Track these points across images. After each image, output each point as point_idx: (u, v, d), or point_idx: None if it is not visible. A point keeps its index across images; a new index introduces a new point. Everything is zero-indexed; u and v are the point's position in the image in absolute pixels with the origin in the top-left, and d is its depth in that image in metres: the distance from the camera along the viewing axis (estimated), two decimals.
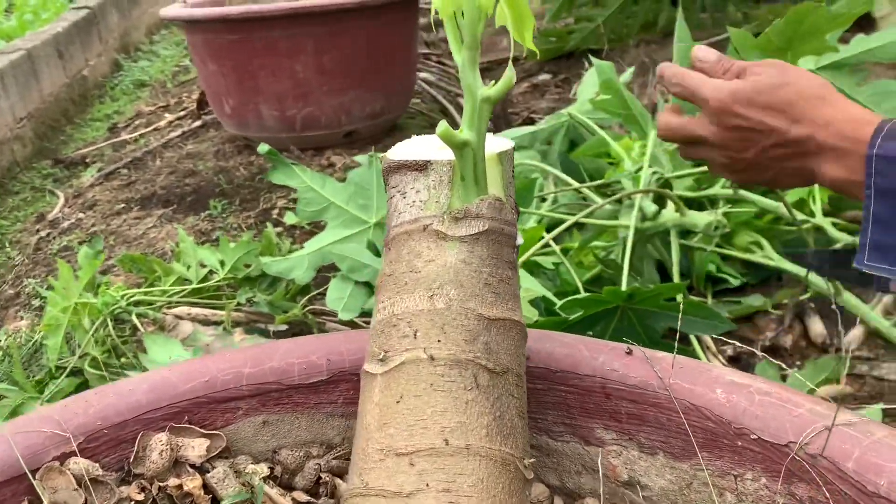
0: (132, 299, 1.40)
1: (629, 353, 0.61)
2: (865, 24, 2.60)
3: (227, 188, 2.23)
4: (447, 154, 0.57)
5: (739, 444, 0.54)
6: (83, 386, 1.33)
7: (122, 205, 2.24)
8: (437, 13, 0.54)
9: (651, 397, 0.57)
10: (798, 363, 1.37)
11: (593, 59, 1.76)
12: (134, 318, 1.35)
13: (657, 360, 0.59)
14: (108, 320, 1.33)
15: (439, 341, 0.51)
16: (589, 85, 1.90)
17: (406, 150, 0.60)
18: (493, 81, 0.55)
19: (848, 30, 2.35)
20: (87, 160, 2.70)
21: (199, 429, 0.59)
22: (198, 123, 2.76)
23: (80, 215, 2.23)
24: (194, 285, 1.45)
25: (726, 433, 0.55)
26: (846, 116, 0.70)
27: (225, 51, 2.21)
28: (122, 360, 1.31)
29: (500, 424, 0.51)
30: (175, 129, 2.80)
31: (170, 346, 1.23)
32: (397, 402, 0.51)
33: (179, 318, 1.39)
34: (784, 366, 1.26)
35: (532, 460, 0.52)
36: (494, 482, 0.49)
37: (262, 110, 2.28)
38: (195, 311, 1.43)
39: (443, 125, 0.53)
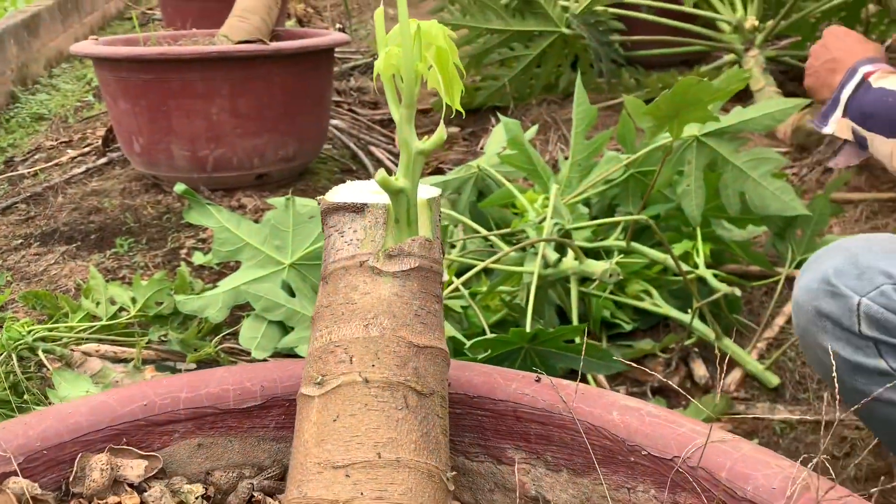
0: (38, 335, 1.37)
1: (538, 380, 0.68)
2: (744, 95, 2.86)
3: (133, 227, 2.21)
4: (381, 198, 0.63)
5: (632, 459, 0.62)
6: None
7: (21, 240, 2.18)
8: (378, 76, 0.61)
9: (557, 419, 0.65)
10: (683, 403, 1.48)
11: (501, 117, 1.88)
12: (41, 354, 1.33)
13: (563, 387, 0.67)
14: (13, 356, 1.30)
15: (373, 366, 0.57)
16: (497, 140, 2.01)
17: (343, 193, 0.66)
18: (427, 136, 0.62)
19: (729, 100, 2.57)
20: None
21: (136, 450, 0.62)
22: (103, 160, 2.72)
23: None
24: (104, 322, 1.44)
25: (621, 450, 0.62)
26: (866, 57, 1.22)
27: (139, 90, 2.21)
28: (27, 396, 1.28)
29: (426, 441, 0.57)
30: (78, 165, 2.75)
31: (80, 382, 1.22)
32: (334, 420, 0.56)
33: (88, 354, 1.38)
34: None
35: (454, 473, 0.58)
36: (422, 491, 0.54)
37: (173, 150, 2.28)
38: (104, 348, 1.42)
39: (381, 173, 0.60)
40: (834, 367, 0.73)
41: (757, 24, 2.77)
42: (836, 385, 0.63)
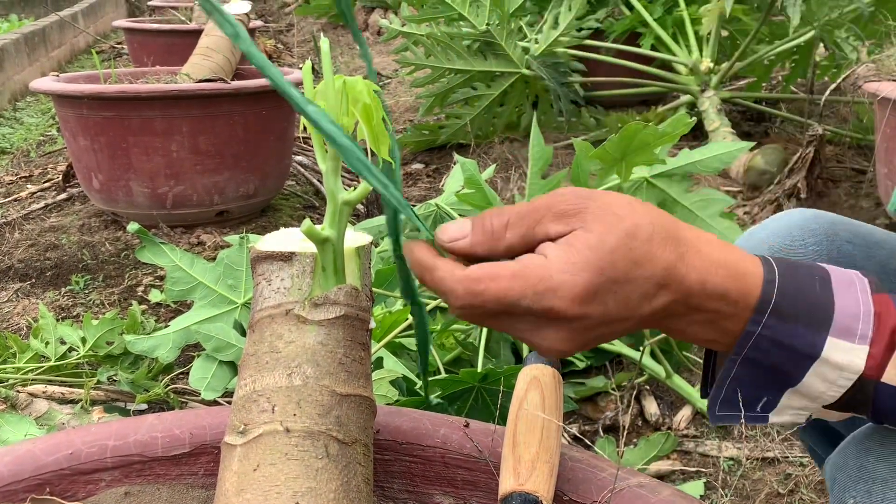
0: None
1: (467, 426, 0.69)
2: (699, 135, 2.93)
3: (91, 263, 2.19)
4: (311, 246, 0.64)
5: None
6: None
7: None
8: (304, 129, 0.62)
9: (483, 465, 0.66)
10: (635, 440, 1.50)
11: (458, 157, 1.90)
12: None
13: (489, 433, 0.68)
14: None
15: (295, 415, 0.58)
16: (455, 178, 2.03)
17: (274, 241, 0.67)
18: (353, 187, 0.64)
19: (685, 138, 2.62)
20: None
21: (60, 500, 0.62)
22: (63, 196, 2.71)
23: None
24: (52, 363, 1.43)
25: None
26: (721, 272, 0.53)
27: (98, 127, 2.21)
28: None
29: (346, 490, 0.57)
30: (37, 200, 2.73)
31: (23, 424, 1.20)
32: (254, 469, 0.56)
33: (34, 396, 1.36)
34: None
35: None
36: None
37: (132, 187, 2.28)
38: (51, 388, 1.40)
39: (307, 223, 0.61)
40: None
41: (712, 66, 2.85)
42: None
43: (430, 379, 1.31)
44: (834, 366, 0.53)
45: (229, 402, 1.45)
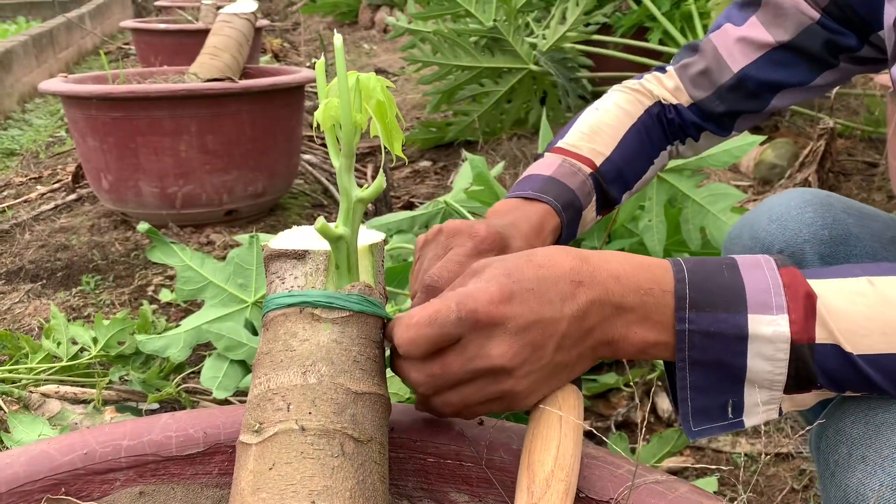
0: None
1: (481, 423, 0.68)
2: None
3: (101, 264, 2.19)
4: (323, 244, 0.64)
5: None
6: None
7: None
8: (318, 125, 0.62)
9: (498, 462, 0.65)
10: (647, 437, 1.49)
11: (467, 154, 1.90)
12: None
13: (505, 430, 0.67)
14: None
15: (310, 413, 0.58)
16: (464, 176, 2.03)
17: (287, 239, 0.66)
18: (367, 185, 0.63)
19: None
20: None
21: (75, 500, 0.62)
22: (72, 197, 2.71)
23: None
24: (64, 363, 1.43)
25: None
26: (628, 268, 0.59)
27: (107, 127, 2.21)
28: None
29: (362, 488, 0.57)
30: (47, 201, 2.73)
31: (36, 425, 1.21)
32: (270, 468, 0.56)
33: (47, 396, 1.36)
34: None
35: None
36: None
37: (141, 187, 2.28)
38: (64, 389, 1.40)
39: (320, 221, 0.60)
40: None
41: None
42: None
43: None
44: (765, 340, 0.57)
45: (241, 401, 1.45)
